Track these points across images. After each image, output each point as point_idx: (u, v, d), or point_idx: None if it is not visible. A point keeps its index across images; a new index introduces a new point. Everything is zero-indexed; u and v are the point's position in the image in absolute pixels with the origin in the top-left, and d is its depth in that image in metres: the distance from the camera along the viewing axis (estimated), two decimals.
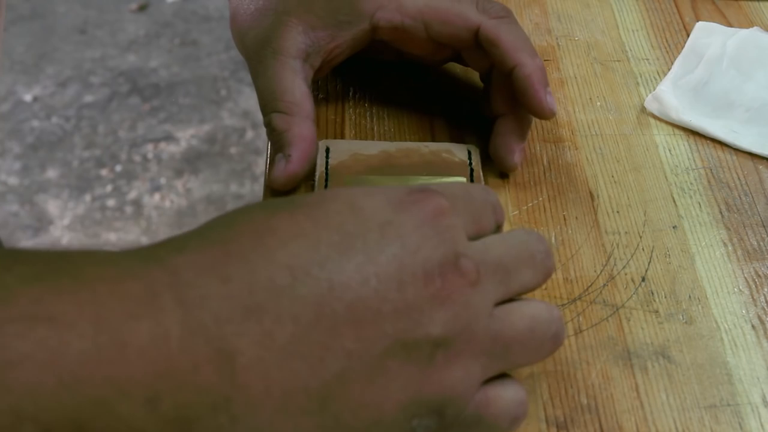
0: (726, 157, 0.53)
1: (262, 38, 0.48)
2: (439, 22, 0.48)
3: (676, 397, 0.41)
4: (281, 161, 0.47)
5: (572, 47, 0.59)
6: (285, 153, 0.47)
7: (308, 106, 0.48)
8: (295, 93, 0.48)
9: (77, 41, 2.06)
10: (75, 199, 1.73)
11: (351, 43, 0.49)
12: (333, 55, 0.50)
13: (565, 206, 0.49)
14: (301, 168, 0.47)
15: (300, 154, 0.47)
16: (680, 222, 0.49)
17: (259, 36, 0.49)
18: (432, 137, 0.52)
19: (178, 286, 0.30)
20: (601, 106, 0.55)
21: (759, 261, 0.47)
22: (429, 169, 0.49)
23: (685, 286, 0.46)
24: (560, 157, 0.52)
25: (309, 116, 0.48)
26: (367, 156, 0.50)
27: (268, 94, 0.48)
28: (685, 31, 0.61)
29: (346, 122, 0.53)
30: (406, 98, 0.54)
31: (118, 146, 1.83)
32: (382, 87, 0.55)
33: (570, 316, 0.44)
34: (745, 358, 0.43)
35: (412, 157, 0.50)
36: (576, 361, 0.42)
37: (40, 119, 1.88)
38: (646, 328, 0.44)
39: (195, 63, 2.01)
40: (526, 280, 0.36)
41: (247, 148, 1.83)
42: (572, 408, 0.40)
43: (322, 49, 0.49)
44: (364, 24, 0.49)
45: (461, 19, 0.48)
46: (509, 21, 0.48)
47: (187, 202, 1.73)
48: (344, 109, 0.54)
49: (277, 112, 0.47)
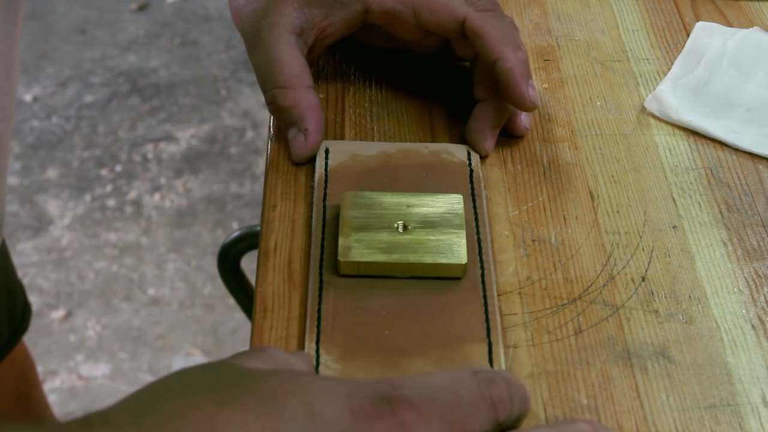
0: (726, 157, 0.53)
1: (259, 13, 0.49)
2: (427, 11, 0.49)
3: (676, 397, 0.41)
4: (299, 136, 0.49)
5: (572, 47, 0.59)
6: (300, 127, 0.49)
7: (307, 77, 0.49)
8: (293, 65, 0.49)
9: (77, 41, 2.06)
10: (75, 199, 1.73)
11: (344, 24, 0.50)
12: (326, 34, 0.50)
13: (565, 206, 0.49)
14: (320, 137, 0.49)
15: (315, 125, 0.49)
16: (680, 222, 0.49)
17: (256, 11, 0.50)
18: (432, 137, 0.52)
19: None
20: (601, 106, 0.55)
21: (759, 261, 0.47)
22: (428, 170, 0.49)
23: (685, 286, 0.46)
24: (560, 157, 0.52)
25: (310, 86, 0.49)
26: (366, 157, 0.50)
27: (267, 68, 0.49)
28: (685, 31, 0.61)
29: (346, 122, 0.53)
30: (406, 98, 0.54)
31: (118, 146, 1.83)
32: (382, 87, 0.55)
33: (570, 316, 0.44)
34: (745, 358, 0.43)
35: (411, 158, 0.50)
36: (576, 361, 0.42)
37: (40, 119, 1.88)
38: (646, 328, 0.44)
39: (195, 63, 2.01)
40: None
41: (247, 148, 1.83)
42: (572, 408, 0.40)
43: (316, 26, 0.50)
44: (357, 6, 0.50)
45: (449, 9, 0.49)
46: (495, 14, 0.49)
47: (187, 202, 1.73)
48: (344, 109, 0.54)
49: (279, 87, 0.48)
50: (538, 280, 0.45)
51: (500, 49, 0.48)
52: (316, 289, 0.43)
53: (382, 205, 0.46)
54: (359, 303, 0.43)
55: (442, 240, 0.44)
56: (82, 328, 1.53)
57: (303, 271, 0.45)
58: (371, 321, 0.42)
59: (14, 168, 1.77)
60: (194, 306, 1.56)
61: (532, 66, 0.57)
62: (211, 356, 1.50)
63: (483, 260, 0.45)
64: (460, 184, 0.49)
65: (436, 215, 0.45)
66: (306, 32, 0.49)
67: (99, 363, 1.49)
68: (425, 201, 0.46)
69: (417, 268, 0.44)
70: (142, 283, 1.60)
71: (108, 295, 1.58)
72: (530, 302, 0.44)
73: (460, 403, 0.33)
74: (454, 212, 0.46)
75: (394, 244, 0.44)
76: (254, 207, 1.71)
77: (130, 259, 1.63)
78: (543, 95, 0.56)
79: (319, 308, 0.43)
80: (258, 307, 0.43)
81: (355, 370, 0.40)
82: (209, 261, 1.62)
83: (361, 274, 0.44)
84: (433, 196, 0.46)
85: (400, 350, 0.41)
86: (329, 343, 0.41)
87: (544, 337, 0.43)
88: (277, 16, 0.49)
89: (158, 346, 1.51)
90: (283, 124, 0.50)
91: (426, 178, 0.49)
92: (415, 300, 0.43)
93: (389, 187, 0.48)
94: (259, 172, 1.78)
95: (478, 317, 0.42)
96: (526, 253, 0.47)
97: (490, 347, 0.41)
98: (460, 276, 0.44)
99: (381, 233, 0.44)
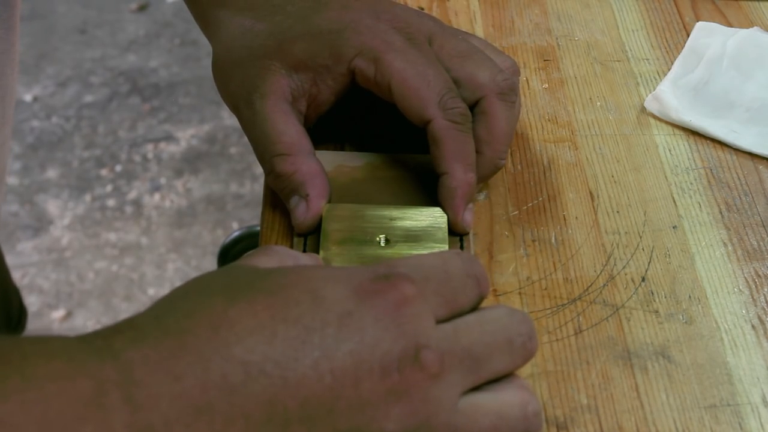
0: (726, 157, 0.53)
1: (248, 85, 0.47)
2: (400, 93, 0.46)
3: (676, 397, 0.41)
4: (301, 204, 0.46)
5: (572, 47, 0.59)
6: (302, 194, 0.46)
7: (307, 143, 0.46)
8: (291, 132, 0.46)
9: (77, 41, 2.06)
10: (75, 199, 1.73)
11: (333, 88, 0.48)
12: (318, 102, 0.48)
13: (565, 206, 0.49)
14: (323, 204, 0.46)
15: (317, 191, 0.46)
16: (680, 222, 0.49)
17: (245, 83, 0.47)
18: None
19: (130, 384, 0.30)
20: (601, 106, 0.55)
21: (759, 261, 0.47)
22: (414, 182, 0.48)
23: (685, 286, 0.46)
24: (560, 157, 0.52)
25: (311, 152, 0.46)
26: (353, 168, 0.49)
27: (264, 138, 0.46)
28: (685, 31, 0.61)
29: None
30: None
31: (118, 146, 1.83)
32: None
33: (570, 316, 0.44)
34: (745, 358, 0.43)
35: (397, 170, 0.49)
36: (576, 361, 0.42)
37: (40, 119, 1.88)
38: (646, 328, 0.44)
39: (195, 63, 2.01)
40: (500, 367, 0.35)
41: (247, 148, 1.83)
42: (572, 408, 0.40)
43: (306, 92, 0.47)
44: (342, 68, 0.47)
45: (419, 104, 0.46)
46: (460, 128, 0.46)
47: (187, 202, 1.73)
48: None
49: (278, 155, 0.46)
50: (538, 280, 0.45)
51: (452, 165, 0.46)
52: None
53: (365, 218, 0.45)
54: None
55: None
56: (82, 328, 1.53)
57: None
58: None
59: (14, 168, 1.78)
60: None
61: (533, 66, 0.58)
62: None
63: None
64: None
65: (419, 229, 0.45)
66: (298, 100, 0.47)
67: None
68: (408, 214, 0.45)
69: None
70: (142, 283, 1.60)
71: (108, 295, 1.58)
72: (530, 302, 0.44)
73: (451, 279, 0.35)
74: (437, 226, 0.45)
75: (375, 258, 0.43)
76: (254, 207, 1.71)
77: (130, 259, 1.63)
78: (543, 95, 0.56)
79: None
80: None
81: None
82: (209, 261, 1.62)
83: None
84: (417, 210, 0.46)
85: None
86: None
87: (544, 337, 0.43)
88: (268, 85, 0.47)
89: None
90: (283, 194, 0.47)
91: (412, 190, 0.48)
92: None
93: (375, 198, 0.47)
94: (259, 172, 1.78)
95: None
96: (526, 253, 0.47)
97: None
98: None
99: (363, 247, 0.44)
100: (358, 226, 0.45)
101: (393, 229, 0.45)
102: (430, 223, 0.45)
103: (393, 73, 0.46)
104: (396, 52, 0.46)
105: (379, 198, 0.48)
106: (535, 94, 0.56)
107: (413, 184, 0.49)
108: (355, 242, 0.44)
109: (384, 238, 0.44)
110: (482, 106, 0.47)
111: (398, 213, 0.45)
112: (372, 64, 0.46)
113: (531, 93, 0.56)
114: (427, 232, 0.45)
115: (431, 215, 0.45)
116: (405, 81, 0.46)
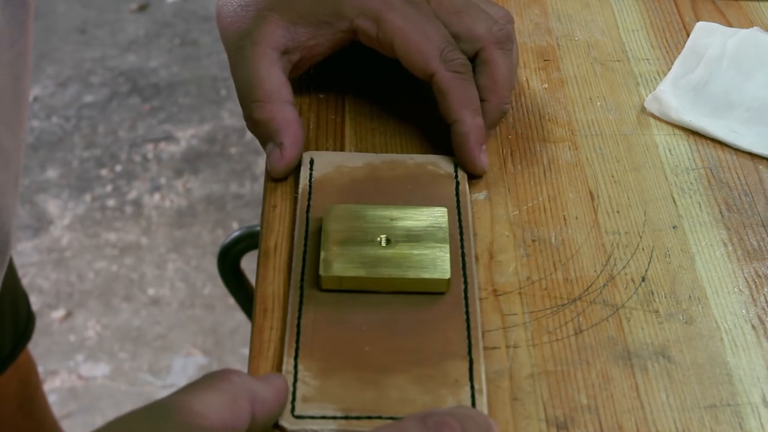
0: (726, 157, 0.53)
1: (243, 31, 0.49)
2: (403, 50, 0.49)
3: (676, 397, 0.41)
4: (275, 150, 0.48)
5: (572, 47, 0.59)
6: (276, 141, 0.48)
7: (287, 92, 0.49)
8: (272, 80, 0.48)
9: (77, 41, 2.06)
10: (75, 199, 1.73)
11: (331, 43, 0.50)
12: (313, 53, 0.50)
13: (565, 206, 0.49)
14: (297, 152, 0.48)
15: (291, 138, 0.48)
16: (680, 222, 0.49)
17: (241, 29, 0.50)
18: (436, 132, 0.52)
19: None
20: (601, 106, 0.55)
21: (759, 261, 0.47)
22: (414, 182, 0.49)
23: (685, 286, 0.46)
24: (560, 157, 0.52)
25: (288, 101, 0.49)
26: (352, 168, 0.49)
27: (246, 84, 0.49)
28: (685, 31, 0.61)
29: (347, 122, 0.53)
30: (406, 98, 0.54)
31: (118, 146, 1.83)
32: (382, 86, 0.55)
33: (570, 316, 0.44)
34: (745, 358, 0.43)
35: (397, 170, 0.49)
36: (576, 361, 0.42)
37: (40, 119, 1.88)
38: (646, 328, 0.44)
39: (195, 63, 2.01)
40: None
41: (247, 148, 1.83)
42: (572, 408, 0.40)
43: (302, 45, 0.50)
44: (344, 25, 0.49)
45: (422, 58, 0.48)
46: (463, 77, 0.49)
47: (187, 202, 1.73)
48: (344, 109, 0.54)
49: (256, 101, 0.48)
50: (538, 280, 0.45)
51: (460, 112, 0.48)
52: (296, 303, 0.43)
53: (366, 219, 0.45)
54: (340, 318, 0.42)
55: (426, 254, 0.44)
56: (82, 328, 1.53)
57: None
58: (352, 337, 0.42)
59: None
60: (194, 306, 1.56)
61: (533, 66, 0.58)
62: (211, 356, 1.50)
63: (467, 275, 0.44)
64: (446, 197, 0.48)
65: (420, 229, 0.45)
66: (291, 51, 0.50)
67: (99, 363, 1.49)
68: (409, 214, 0.45)
69: (400, 283, 0.43)
70: (142, 283, 1.60)
71: (108, 295, 1.58)
72: (530, 302, 0.44)
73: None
74: (438, 226, 0.45)
75: (376, 258, 0.43)
76: (254, 207, 1.71)
77: (130, 259, 1.63)
78: (543, 95, 0.56)
79: (299, 323, 0.42)
80: (258, 307, 0.43)
81: (334, 387, 0.40)
82: (209, 261, 1.62)
83: (342, 289, 0.43)
84: (417, 209, 0.46)
85: (380, 367, 0.40)
86: (308, 359, 0.41)
87: (544, 337, 0.43)
88: (260, 33, 0.49)
89: (158, 346, 1.51)
90: (260, 140, 0.49)
91: (412, 190, 0.48)
92: (397, 315, 0.43)
93: (374, 199, 0.48)
94: (259, 172, 1.78)
95: (460, 333, 0.42)
96: (526, 253, 0.47)
97: (471, 364, 0.41)
98: (443, 291, 0.43)
99: (364, 247, 0.44)
100: (358, 226, 0.45)
101: (394, 228, 0.45)
102: (431, 223, 0.45)
103: (395, 31, 0.48)
104: (396, 12, 0.49)
105: (379, 198, 0.48)
106: (535, 94, 0.56)
107: (413, 184, 0.49)
108: (355, 242, 0.44)
109: (385, 238, 0.44)
110: (482, 57, 0.50)
111: (399, 213, 0.45)
112: (374, 24, 0.49)
113: (531, 93, 0.56)
114: (428, 231, 0.45)
115: (432, 215, 0.45)
116: (406, 38, 0.48)
